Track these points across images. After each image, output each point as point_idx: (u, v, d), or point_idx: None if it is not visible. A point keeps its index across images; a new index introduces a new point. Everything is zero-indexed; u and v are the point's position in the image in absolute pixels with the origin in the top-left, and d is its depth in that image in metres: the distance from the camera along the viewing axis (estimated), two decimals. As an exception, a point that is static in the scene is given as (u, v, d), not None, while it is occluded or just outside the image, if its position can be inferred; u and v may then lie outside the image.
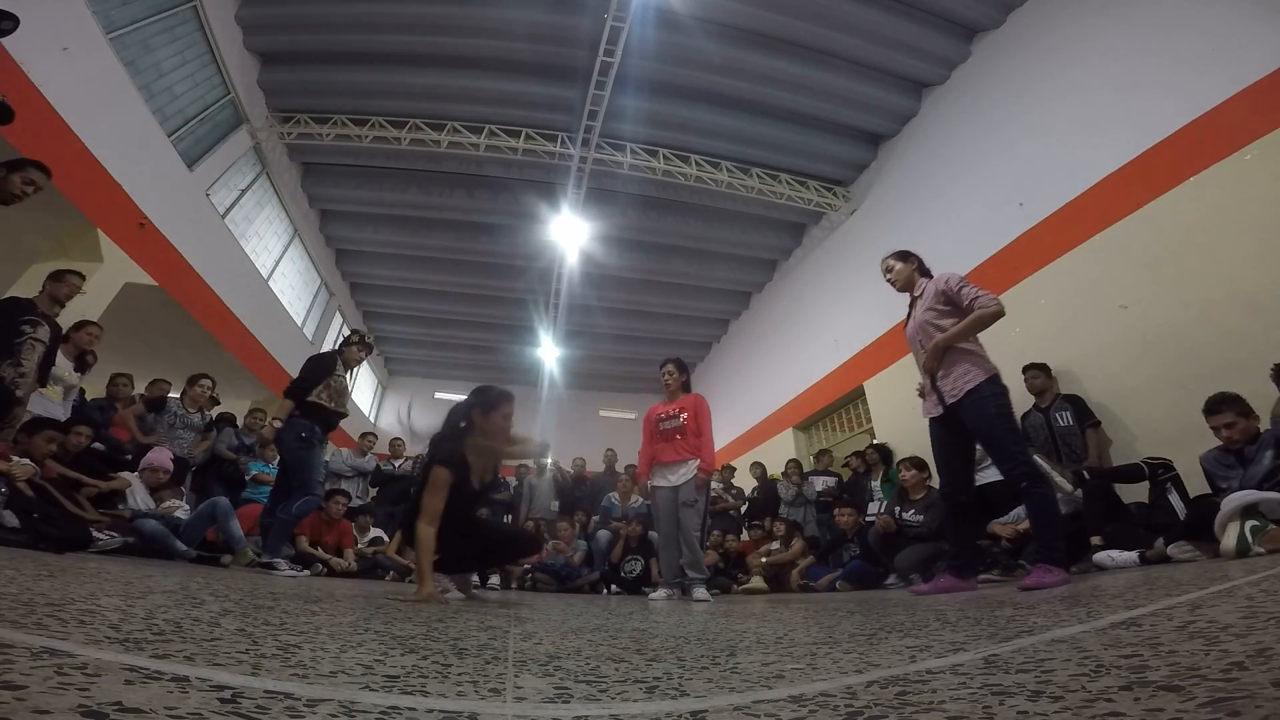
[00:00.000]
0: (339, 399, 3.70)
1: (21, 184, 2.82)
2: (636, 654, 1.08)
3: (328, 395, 3.63)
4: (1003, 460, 2.48)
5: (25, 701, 0.46)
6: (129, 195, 5.45)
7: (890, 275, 2.99)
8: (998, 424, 2.49)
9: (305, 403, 3.58)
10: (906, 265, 2.94)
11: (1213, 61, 3.96)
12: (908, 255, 2.97)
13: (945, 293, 2.72)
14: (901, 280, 2.95)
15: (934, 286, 2.78)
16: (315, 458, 3.61)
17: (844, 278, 8.23)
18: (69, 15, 4.63)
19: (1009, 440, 2.50)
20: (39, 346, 3.32)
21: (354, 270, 10.78)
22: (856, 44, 6.54)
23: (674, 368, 4.01)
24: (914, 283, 2.92)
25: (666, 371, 4.02)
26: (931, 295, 2.77)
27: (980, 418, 2.52)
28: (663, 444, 3.83)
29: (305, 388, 3.60)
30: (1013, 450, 2.47)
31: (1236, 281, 3.59)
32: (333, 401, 3.66)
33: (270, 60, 7.20)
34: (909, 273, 2.94)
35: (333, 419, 3.72)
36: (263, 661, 0.75)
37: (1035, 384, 4.38)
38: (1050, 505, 2.43)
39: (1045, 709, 0.54)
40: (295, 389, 3.59)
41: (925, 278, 2.92)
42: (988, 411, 2.50)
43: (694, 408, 3.84)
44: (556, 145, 7.65)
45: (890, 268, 2.98)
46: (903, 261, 2.95)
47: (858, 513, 5.15)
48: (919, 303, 2.85)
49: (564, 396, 13.92)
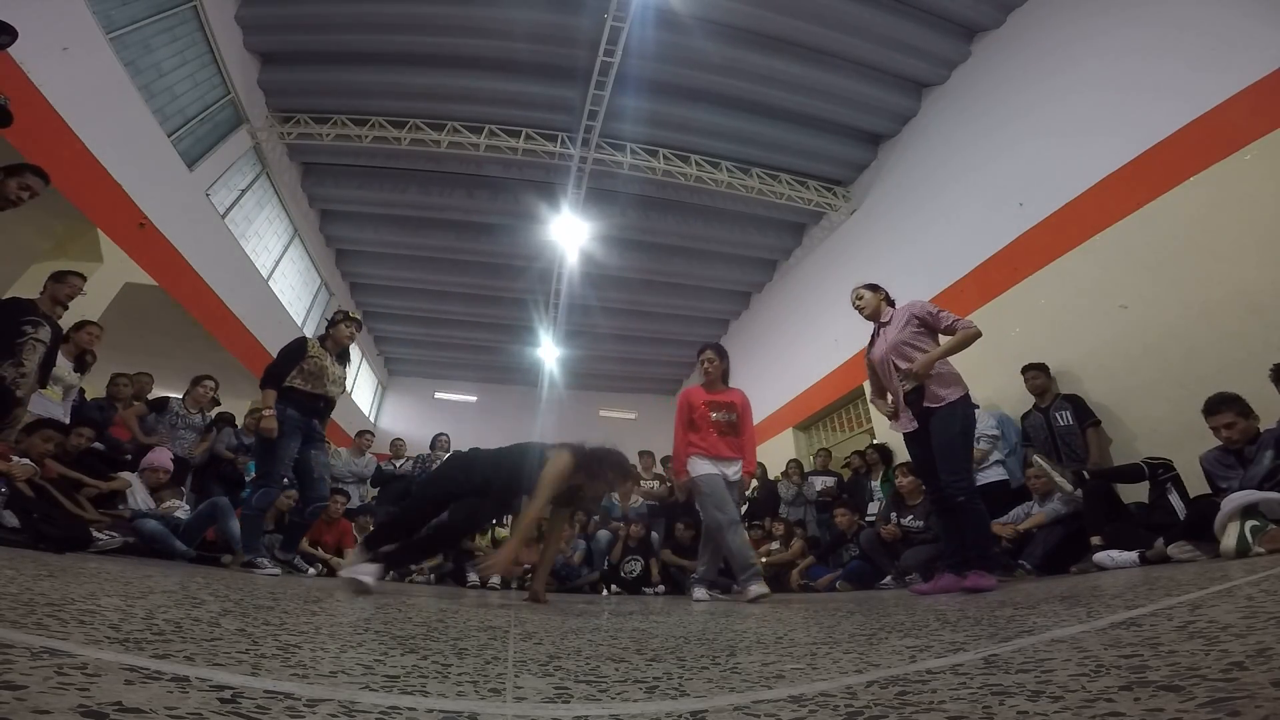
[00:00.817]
0: (314, 380, 3.56)
1: (17, 189, 2.79)
2: (636, 654, 1.08)
3: (301, 379, 3.53)
4: (951, 472, 2.76)
5: (25, 701, 0.46)
6: (129, 195, 5.45)
7: (860, 303, 3.30)
8: (959, 439, 2.81)
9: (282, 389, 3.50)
10: (875, 295, 3.26)
11: (1213, 61, 3.96)
12: (876, 287, 3.30)
13: (921, 317, 3.00)
14: (870, 309, 3.25)
15: (906, 312, 3.06)
16: (282, 446, 3.44)
17: (844, 278, 8.17)
18: (69, 15, 4.63)
19: (964, 457, 2.83)
20: (40, 347, 3.32)
21: (354, 270, 10.79)
22: (856, 44, 6.54)
23: (714, 354, 3.75)
24: (880, 311, 3.22)
25: (706, 359, 3.76)
26: (904, 319, 3.04)
27: (946, 429, 2.80)
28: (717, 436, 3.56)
29: (277, 374, 3.51)
30: (963, 467, 2.80)
31: (1236, 281, 3.59)
32: (308, 384, 3.54)
33: (270, 60, 7.20)
34: (877, 302, 3.24)
35: (311, 402, 3.57)
36: (263, 661, 0.75)
37: (1035, 384, 4.39)
38: (985, 519, 2.79)
39: (1045, 709, 0.54)
40: (267, 377, 3.51)
41: (890, 306, 3.24)
42: (954, 426, 2.80)
43: (743, 404, 3.65)
44: (556, 145, 7.65)
45: (860, 296, 3.30)
46: (872, 292, 3.27)
47: (852, 513, 5.15)
48: (887, 329, 3.13)
49: (564, 396, 13.92)
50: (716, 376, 3.71)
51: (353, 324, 3.87)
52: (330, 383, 3.67)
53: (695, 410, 3.61)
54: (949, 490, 2.75)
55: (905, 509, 4.35)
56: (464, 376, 14.00)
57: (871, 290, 3.28)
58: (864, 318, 3.32)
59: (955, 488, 2.72)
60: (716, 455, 3.51)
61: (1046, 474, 3.58)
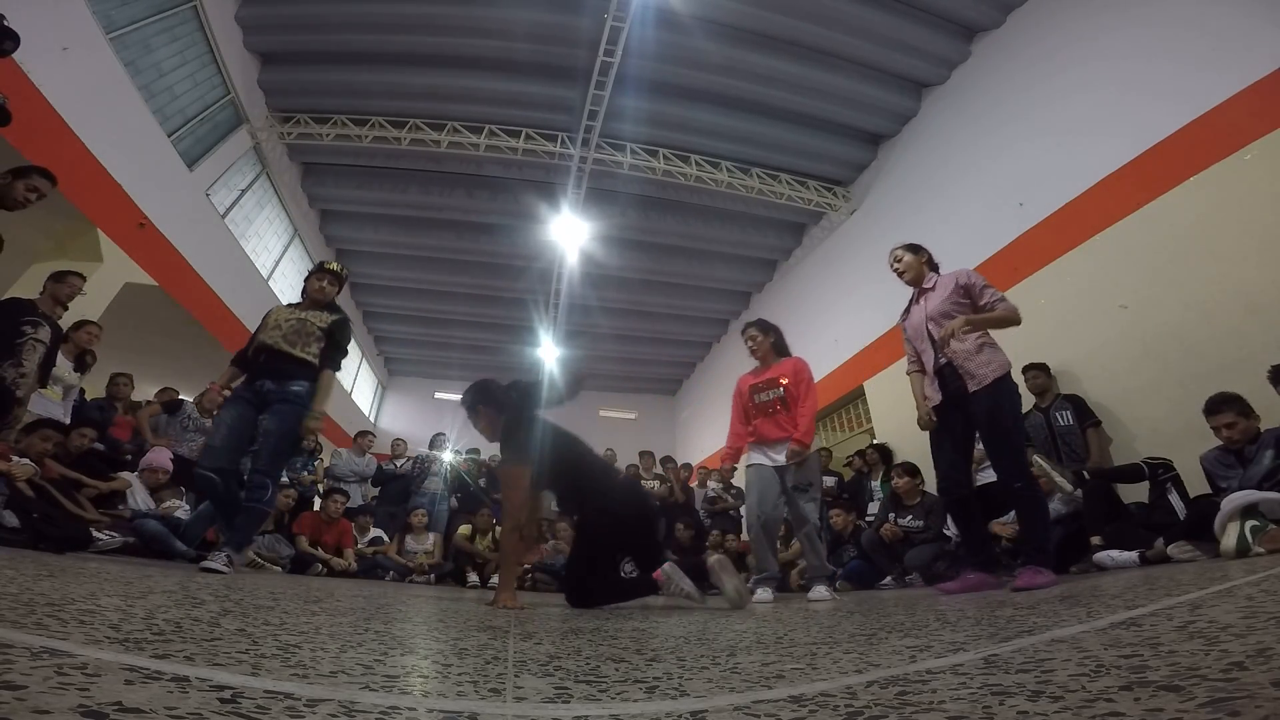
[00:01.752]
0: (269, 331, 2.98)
1: (25, 190, 2.84)
2: (636, 654, 1.08)
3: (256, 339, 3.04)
4: (1006, 456, 2.48)
5: (25, 701, 0.46)
6: (129, 195, 5.46)
7: (899, 265, 2.93)
8: (1013, 428, 2.52)
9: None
10: (917, 258, 2.90)
11: (1213, 61, 3.96)
12: (918, 248, 2.93)
13: (967, 287, 2.71)
14: (912, 272, 2.90)
15: (952, 280, 2.76)
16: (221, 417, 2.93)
17: (844, 278, 8.23)
18: (69, 15, 4.64)
19: (1020, 445, 2.52)
20: (40, 347, 3.32)
21: (354, 270, 10.73)
22: (856, 44, 6.54)
23: (756, 331, 3.47)
24: (923, 276, 2.88)
25: (749, 337, 3.48)
26: (951, 287, 2.74)
27: (997, 422, 2.51)
28: (761, 420, 3.30)
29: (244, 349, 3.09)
30: (1021, 454, 2.52)
31: (1236, 281, 3.58)
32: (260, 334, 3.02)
33: (270, 60, 7.20)
34: (919, 265, 2.89)
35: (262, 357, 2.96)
36: (263, 661, 0.75)
37: (1035, 384, 4.38)
38: (1043, 508, 2.48)
39: (1045, 709, 0.54)
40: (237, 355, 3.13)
41: (934, 272, 2.90)
42: (1005, 418, 2.51)
43: (793, 372, 3.31)
44: (556, 145, 7.65)
45: (899, 258, 2.92)
46: (913, 254, 2.90)
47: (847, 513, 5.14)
48: (930, 295, 2.80)
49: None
50: (766, 352, 3.44)
51: (324, 276, 3.18)
52: (268, 329, 2.99)
53: (744, 398, 3.41)
54: (1007, 479, 2.49)
55: (903, 509, 4.35)
56: (464, 376, 13.81)
57: (913, 252, 2.90)
58: (905, 283, 2.96)
59: (1014, 476, 2.45)
60: (762, 440, 3.30)
61: (1046, 474, 3.57)
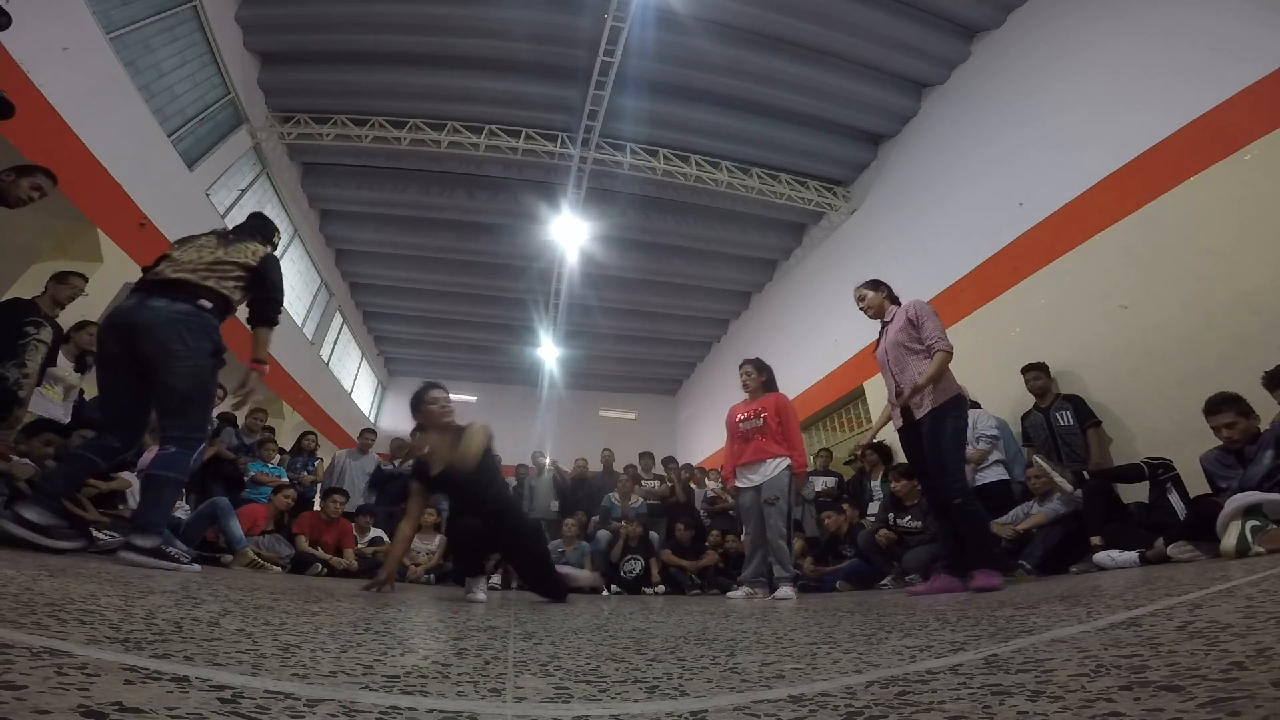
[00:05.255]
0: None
1: (29, 189, 2.87)
2: (636, 654, 1.08)
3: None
4: (943, 474, 2.76)
5: (25, 701, 0.46)
6: (129, 195, 5.45)
7: (863, 304, 3.24)
8: (950, 443, 2.79)
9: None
10: (878, 294, 3.21)
11: (1212, 62, 3.96)
12: (879, 284, 3.22)
13: (912, 320, 3.00)
14: (874, 308, 3.21)
15: (903, 313, 3.05)
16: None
17: (844, 278, 8.17)
18: (69, 15, 4.63)
19: (955, 459, 2.82)
20: (42, 348, 3.33)
21: (354, 270, 10.78)
22: (856, 44, 6.54)
23: (752, 369, 3.98)
24: (885, 310, 3.19)
25: (744, 373, 3.99)
26: (902, 321, 3.02)
27: (937, 434, 2.79)
28: (741, 444, 3.79)
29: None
30: (956, 469, 2.80)
31: (1236, 281, 3.58)
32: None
33: (270, 60, 7.20)
34: (880, 300, 3.20)
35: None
36: (263, 661, 0.75)
37: (1035, 384, 4.38)
38: (984, 519, 2.78)
39: (1045, 709, 0.54)
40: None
41: (894, 305, 3.19)
42: (945, 431, 2.79)
43: (774, 407, 3.78)
44: (556, 145, 7.65)
45: (863, 296, 3.24)
46: (874, 290, 3.22)
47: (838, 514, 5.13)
48: (890, 327, 3.10)
49: (564, 396, 13.92)
50: (756, 388, 3.90)
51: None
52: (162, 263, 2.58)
53: (730, 425, 3.88)
54: (944, 493, 2.76)
55: (903, 510, 4.34)
56: (464, 376, 14.00)
57: (873, 289, 3.22)
58: (869, 317, 3.28)
59: (950, 490, 2.73)
60: (740, 463, 3.75)
61: (1046, 474, 3.58)
